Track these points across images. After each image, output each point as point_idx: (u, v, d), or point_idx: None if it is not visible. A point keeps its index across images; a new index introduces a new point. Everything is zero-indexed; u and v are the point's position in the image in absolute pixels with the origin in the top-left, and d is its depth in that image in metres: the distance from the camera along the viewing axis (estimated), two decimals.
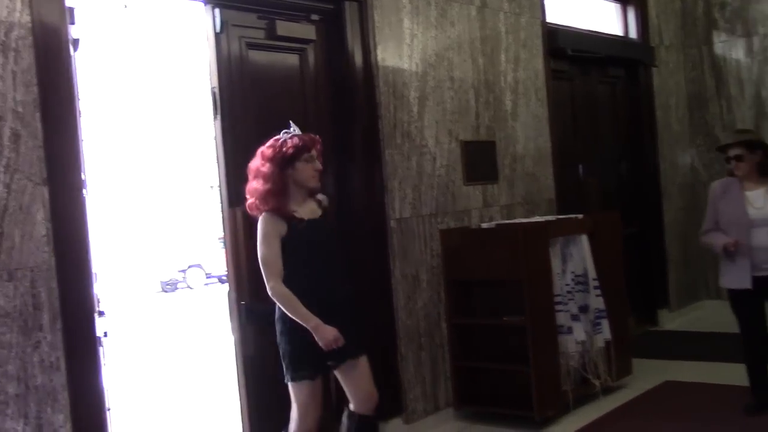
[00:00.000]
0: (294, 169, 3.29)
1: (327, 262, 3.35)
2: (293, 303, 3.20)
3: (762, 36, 7.36)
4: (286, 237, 3.24)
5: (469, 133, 5.08)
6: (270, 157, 3.27)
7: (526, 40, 5.65)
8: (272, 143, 3.32)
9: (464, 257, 4.71)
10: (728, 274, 4.33)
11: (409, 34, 4.71)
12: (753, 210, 4.25)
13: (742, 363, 4.46)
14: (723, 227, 4.35)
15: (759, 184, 4.31)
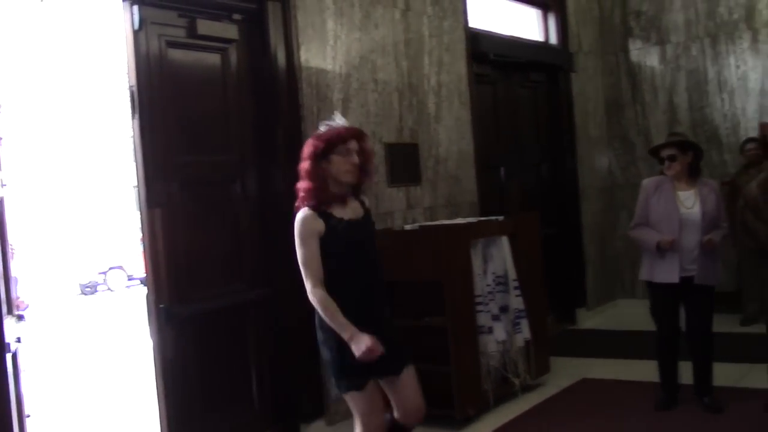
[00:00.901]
0: (329, 162, 3.04)
1: (367, 266, 3.13)
2: (331, 309, 2.96)
3: (674, 44, 7.65)
4: (324, 237, 3.01)
5: (393, 136, 5.11)
6: (306, 153, 3.07)
7: (449, 44, 5.73)
8: (311, 138, 3.13)
9: (387, 259, 4.69)
10: (657, 268, 4.45)
11: (333, 35, 4.71)
12: (684, 210, 4.41)
13: (654, 359, 4.62)
14: (653, 224, 4.47)
15: (689, 185, 4.47)
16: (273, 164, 4.39)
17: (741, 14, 7.30)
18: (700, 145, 4.76)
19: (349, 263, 3.05)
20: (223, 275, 4.17)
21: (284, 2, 4.41)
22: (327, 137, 3.06)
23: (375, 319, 3.07)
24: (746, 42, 7.29)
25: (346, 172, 3.06)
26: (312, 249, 2.99)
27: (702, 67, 7.51)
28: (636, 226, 4.56)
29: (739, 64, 7.33)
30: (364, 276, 3.09)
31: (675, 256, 4.35)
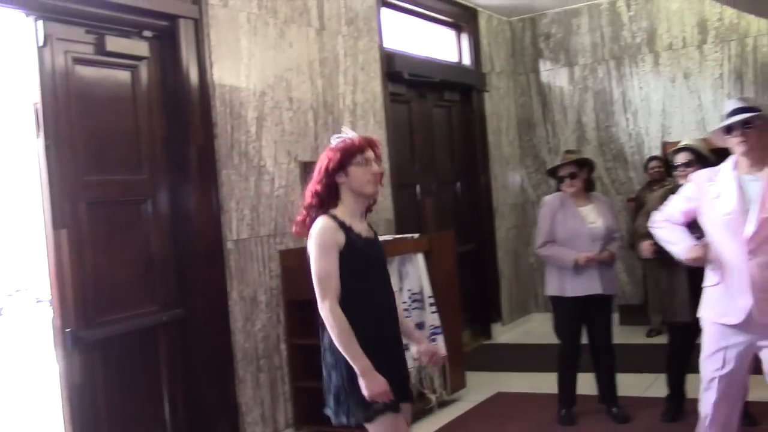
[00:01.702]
0: (347, 175, 2.83)
1: (385, 286, 2.92)
2: (347, 336, 2.68)
3: (582, 66, 7.92)
4: (343, 251, 2.76)
5: (308, 154, 5.11)
6: (321, 167, 2.87)
7: (364, 64, 5.78)
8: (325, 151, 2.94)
9: (304, 278, 4.67)
10: (569, 283, 4.57)
11: (247, 53, 4.69)
12: (589, 225, 4.56)
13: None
14: (562, 241, 4.60)
15: (587, 200, 4.65)
16: (185, 183, 4.31)
17: (643, 38, 7.63)
18: (599, 161, 4.99)
19: (370, 283, 2.83)
20: (132, 297, 4.07)
21: (197, 20, 4.36)
22: (343, 147, 2.86)
23: (394, 342, 2.89)
24: (648, 65, 7.62)
25: (368, 182, 2.84)
26: (333, 262, 2.74)
27: (608, 88, 7.81)
28: (545, 243, 4.68)
29: (642, 86, 7.66)
30: (383, 296, 2.89)
31: (592, 270, 4.50)
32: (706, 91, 7.39)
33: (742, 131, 3.15)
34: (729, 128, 3.20)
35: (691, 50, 7.45)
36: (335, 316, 2.70)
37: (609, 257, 4.51)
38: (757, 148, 3.16)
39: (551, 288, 4.68)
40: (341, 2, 5.57)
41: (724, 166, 3.30)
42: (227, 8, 4.55)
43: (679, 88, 7.49)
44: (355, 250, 2.77)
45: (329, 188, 2.84)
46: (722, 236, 3.21)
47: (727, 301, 3.21)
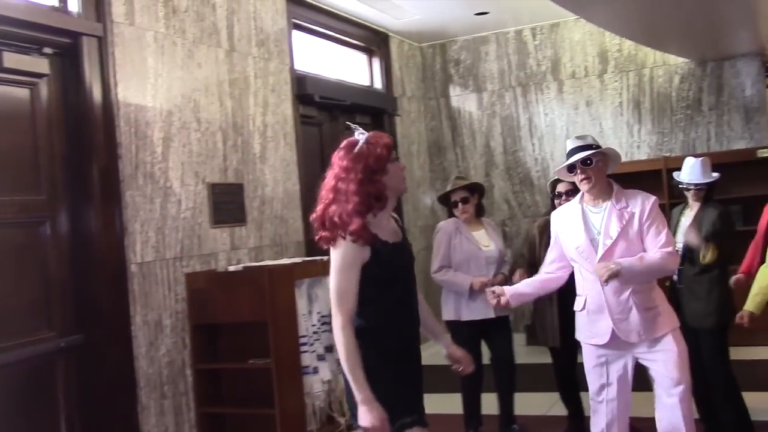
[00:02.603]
0: (386, 173, 2.67)
1: (411, 295, 2.80)
2: (352, 358, 2.57)
3: (490, 92, 8.13)
4: (367, 263, 2.63)
5: (217, 176, 5.05)
6: (360, 165, 2.63)
7: (274, 85, 5.76)
8: (350, 144, 2.71)
9: (210, 301, 4.64)
10: (465, 307, 4.65)
11: (154, 73, 4.61)
12: (484, 249, 4.66)
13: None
14: (457, 265, 4.69)
15: (479, 225, 4.77)
16: (87, 204, 4.19)
17: (548, 66, 7.91)
18: (507, 185, 5.14)
19: (395, 293, 2.72)
20: (28, 323, 3.90)
21: (101, 38, 4.26)
22: (386, 144, 2.70)
23: (417, 356, 2.80)
24: (553, 92, 7.89)
25: (403, 179, 2.76)
26: (352, 278, 2.60)
27: (515, 113, 8.04)
28: (440, 268, 4.77)
29: (547, 112, 7.91)
30: (408, 307, 2.78)
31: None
32: (607, 118, 7.70)
33: (582, 169, 3.35)
34: (571, 167, 3.39)
35: (592, 79, 7.75)
36: (345, 336, 2.58)
37: (503, 280, 4.63)
38: (598, 184, 3.38)
39: (447, 313, 4.77)
40: (252, 24, 5.56)
41: (573, 200, 3.56)
42: (133, 27, 4.47)
43: (582, 115, 7.78)
44: (381, 261, 2.64)
45: (379, 190, 2.65)
46: (580, 266, 3.46)
47: (591, 324, 3.45)
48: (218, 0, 5.22)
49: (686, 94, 7.47)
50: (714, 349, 4.19)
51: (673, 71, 7.51)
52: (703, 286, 4.17)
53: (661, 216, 3.38)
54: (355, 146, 2.69)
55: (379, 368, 2.63)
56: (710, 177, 4.29)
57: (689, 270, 4.20)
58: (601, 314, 3.39)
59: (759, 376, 4.99)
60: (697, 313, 4.17)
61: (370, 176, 2.62)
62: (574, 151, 3.38)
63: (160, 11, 4.69)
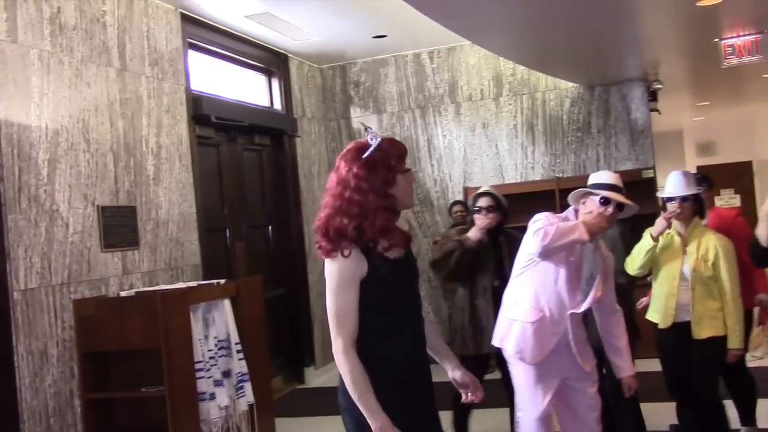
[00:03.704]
0: (395, 184, 2.41)
1: (415, 316, 2.52)
2: (361, 386, 2.32)
3: (390, 114, 8.23)
4: (364, 281, 2.37)
5: (108, 198, 4.90)
6: (369, 169, 2.36)
7: (169, 106, 5.65)
8: (360, 147, 2.41)
9: (101, 328, 4.47)
10: None
11: (39, 92, 4.44)
12: None
13: None
14: None
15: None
16: None
17: (445, 89, 8.07)
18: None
19: (398, 313, 2.45)
20: None
21: None
22: (398, 153, 2.44)
23: (425, 382, 2.54)
24: (451, 114, 8.06)
25: (411, 195, 2.49)
26: (352, 296, 2.36)
27: (414, 135, 8.15)
28: None
29: (445, 134, 8.07)
30: (412, 330, 2.50)
31: None
32: (503, 140, 7.91)
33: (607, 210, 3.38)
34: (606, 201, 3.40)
35: (488, 102, 7.96)
36: (348, 360, 2.33)
37: None
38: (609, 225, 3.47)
39: None
40: (145, 43, 5.44)
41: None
42: (16, 44, 4.30)
43: (479, 137, 7.97)
44: (380, 279, 2.38)
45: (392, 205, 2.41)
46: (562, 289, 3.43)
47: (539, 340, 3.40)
48: (109, 18, 5.09)
49: (576, 117, 7.77)
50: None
51: (564, 95, 7.80)
52: None
53: None
54: (364, 150, 2.39)
55: (381, 403, 2.34)
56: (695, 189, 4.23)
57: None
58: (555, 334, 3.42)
59: (650, 388, 5.19)
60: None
61: (384, 189, 2.39)
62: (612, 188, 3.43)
63: (46, 29, 4.53)
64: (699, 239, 4.10)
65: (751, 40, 6.00)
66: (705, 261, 4.04)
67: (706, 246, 4.07)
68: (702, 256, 4.05)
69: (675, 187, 4.17)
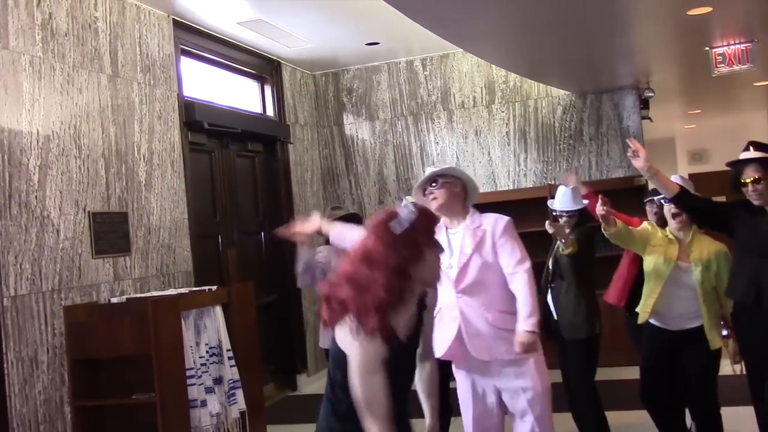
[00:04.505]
0: (423, 263, 2.26)
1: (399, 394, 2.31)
2: None
3: (383, 121, 8.24)
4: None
5: (99, 204, 4.88)
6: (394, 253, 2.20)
7: (161, 112, 5.65)
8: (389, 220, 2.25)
9: (91, 335, 4.45)
10: None
11: (30, 98, 4.43)
12: None
13: None
14: None
15: None
16: None
17: (438, 96, 8.09)
18: None
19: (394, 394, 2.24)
20: None
21: None
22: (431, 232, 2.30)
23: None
24: (443, 121, 8.07)
25: (437, 272, 2.34)
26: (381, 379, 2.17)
27: (407, 142, 8.16)
28: None
29: (438, 141, 8.08)
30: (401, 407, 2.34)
31: None
32: (495, 147, 7.93)
33: (429, 190, 3.53)
34: (423, 190, 3.58)
35: (480, 109, 7.98)
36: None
37: None
38: (447, 205, 3.52)
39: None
40: (137, 49, 5.44)
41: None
42: (7, 50, 4.29)
43: (471, 144, 7.99)
44: (392, 361, 2.22)
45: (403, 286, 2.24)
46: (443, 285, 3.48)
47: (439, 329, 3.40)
48: (101, 24, 5.09)
49: (568, 125, 7.79)
50: (578, 361, 4.37)
51: (556, 103, 7.82)
52: (570, 299, 4.36)
53: (515, 234, 3.53)
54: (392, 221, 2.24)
55: None
56: (580, 204, 4.53)
57: (560, 285, 4.40)
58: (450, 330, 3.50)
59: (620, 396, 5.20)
60: (565, 326, 4.36)
61: (402, 268, 2.21)
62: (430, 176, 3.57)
63: (38, 35, 4.53)
64: (700, 249, 4.12)
65: (742, 49, 6.04)
66: (708, 270, 4.06)
67: (708, 256, 4.08)
68: (706, 267, 4.07)
69: (562, 202, 4.52)
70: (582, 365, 4.40)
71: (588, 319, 4.35)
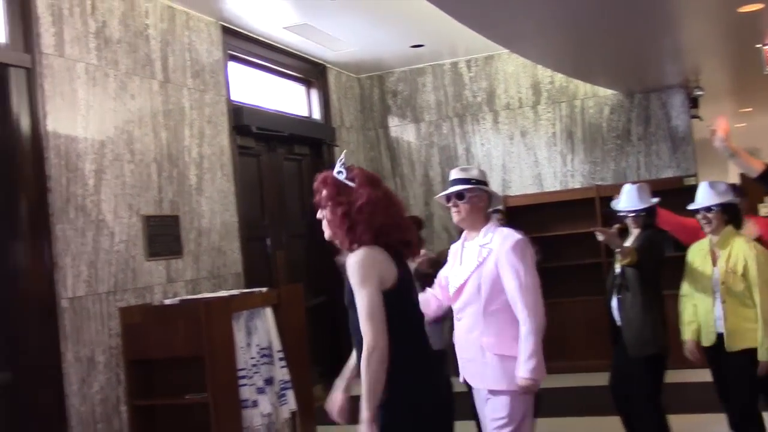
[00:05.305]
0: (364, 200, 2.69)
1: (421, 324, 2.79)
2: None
3: (428, 122, 8.25)
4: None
5: (152, 208, 4.98)
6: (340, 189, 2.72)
7: (211, 117, 5.74)
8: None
9: (146, 335, 4.54)
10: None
11: (85, 105, 4.55)
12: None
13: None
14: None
15: None
16: (14, 238, 4.09)
17: (483, 98, 8.07)
18: (446, 215, 5.15)
19: None
20: None
21: (29, 69, 4.19)
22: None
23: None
24: (489, 122, 8.05)
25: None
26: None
27: (452, 143, 8.16)
28: None
29: (483, 142, 8.05)
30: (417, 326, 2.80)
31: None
32: (541, 148, 7.87)
33: (455, 202, 3.36)
34: (448, 197, 3.40)
35: (526, 110, 7.94)
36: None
37: None
38: (469, 218, 3.33)
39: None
40: (186, 55, 5.54)
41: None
42: (63, 58, 4.41)
43: (517, 145, 7.94)
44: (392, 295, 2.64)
45: None
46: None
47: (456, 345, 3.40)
48: (152, 31, 5.19)
49: (616, 125, 7.70)
50: (643, 380, 4.15)
51: (603, 102, 7.74)
52: (636, 313, 4.13)
53: (522, 257, 3.18)
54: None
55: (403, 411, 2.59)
56: (648, 202, 4.26)
57: (625, 297, 4.18)
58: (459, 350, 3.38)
59: (689, 399, 5.11)
60: (630, 341, 4.16)
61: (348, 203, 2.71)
62: (454, 183, 3.37)
63: (92, 42, 4.64)
64: (729, 250, 3.98)
65: None
66: (734, 273, 3.92)
67: (736, 257, 3.94)
68: (731, 268, 3.94)
69: (628, 200, 4.23)
70: (647, 384, 4.14)
71: (655, 334, 4.08)
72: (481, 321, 3.21)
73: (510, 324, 3.16)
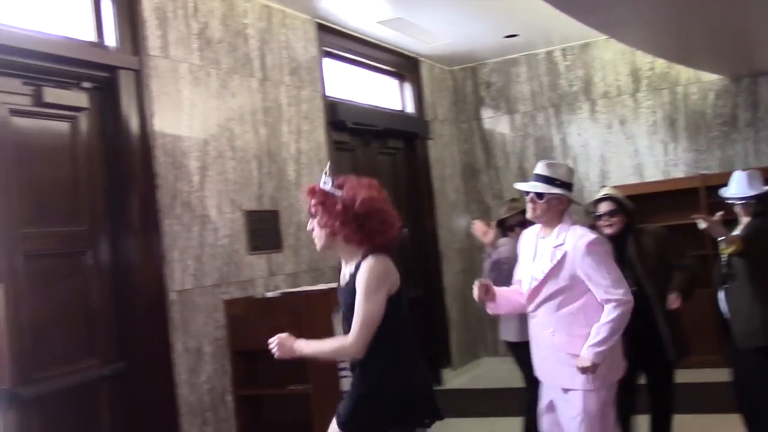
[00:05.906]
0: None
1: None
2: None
3: (522, 114, 8.13)
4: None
5: (253, 203, 5.11)
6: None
7: (307, 113, 5.83)
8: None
9: (249, 327, 4.67)
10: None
11: (189, 103, 4.69)
12: None
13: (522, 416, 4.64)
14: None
15: None
16: (126, 233, 4.27)
17: (580, 87, 7.88)
18: None
19: None
20: (72, 352, 3.96)
21: (137, 71, 4.36)
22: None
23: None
24: (586, 112, 7.86)
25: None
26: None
27: (548, 134, 8.01)
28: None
29: (580, 132, 7.87)
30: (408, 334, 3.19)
31: None
32: (642, 137, 7.63)
33: (533, 198, 3.35)
34: (526, 192, 3.42)
35: (625, 98, 7.71)
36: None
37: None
38: (545, 216, 3.35)
39: (509, 333, 4.62)
40: (283, 53, 5.64)
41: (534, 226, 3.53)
42: (168, 59, 4.56)
43: (616, 135, 7.73)
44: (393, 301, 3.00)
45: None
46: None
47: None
48: (250, 30, 5.31)
49: (722, 111, 7.38)
50: (756, 372, 4.02)
51: (707, 88, 7.43)
52: (744, 304, 4.00)
53: (600, 257, 3.23)
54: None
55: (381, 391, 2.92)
56: (759, 189, 4.09)
57: (733, 287, 4.06)
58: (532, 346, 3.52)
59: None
60: (739, 334, 4.03)
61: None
62: (539, 179, 3.37)
63: (194, 43, 4.79)
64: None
65: None
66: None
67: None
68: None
69: (737, 187, 4.08)
70: (761, 376, 4.01)
71: (765, 325, 3.94)
72: (554, 320, 3.30)
73: (583, 324, 3.23)
